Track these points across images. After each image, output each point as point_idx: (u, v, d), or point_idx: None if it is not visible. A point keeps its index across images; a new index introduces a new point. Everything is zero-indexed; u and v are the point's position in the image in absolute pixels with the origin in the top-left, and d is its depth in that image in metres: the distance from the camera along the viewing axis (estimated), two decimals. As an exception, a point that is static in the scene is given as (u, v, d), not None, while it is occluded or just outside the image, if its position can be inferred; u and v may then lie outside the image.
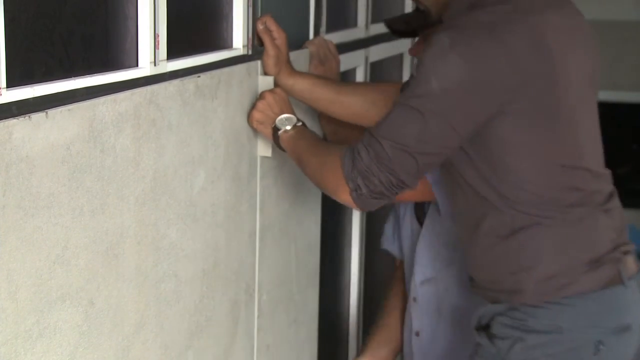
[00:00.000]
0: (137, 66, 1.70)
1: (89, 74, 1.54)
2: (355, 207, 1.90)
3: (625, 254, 1.87)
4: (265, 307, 2.26)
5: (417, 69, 1.79)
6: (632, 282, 1.86)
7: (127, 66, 1.69)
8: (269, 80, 2.15)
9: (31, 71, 1.42)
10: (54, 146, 1.37)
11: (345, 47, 2.79)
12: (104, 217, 1.52)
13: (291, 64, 2.20)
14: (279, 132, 2.04)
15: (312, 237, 2.60)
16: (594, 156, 1.91)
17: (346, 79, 2.85)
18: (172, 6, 1.78)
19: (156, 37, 1.71)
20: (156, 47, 1.71)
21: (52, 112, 1.36)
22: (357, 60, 3.03)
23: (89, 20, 1.59)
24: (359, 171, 1.82)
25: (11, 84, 1.32)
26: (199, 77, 1.84)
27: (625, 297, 1.85)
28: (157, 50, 1.72)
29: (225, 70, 1.96)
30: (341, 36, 2.83)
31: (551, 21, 1.82)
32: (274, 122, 2.06)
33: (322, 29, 2.61)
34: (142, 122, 1.62)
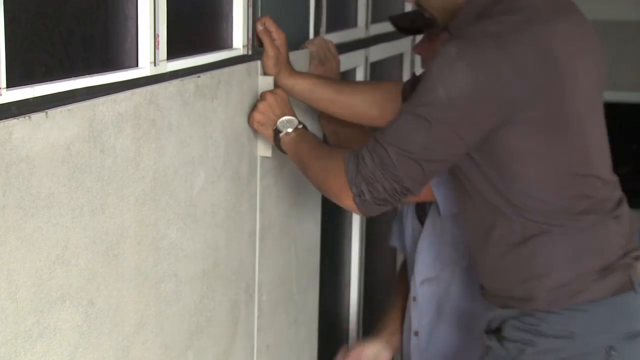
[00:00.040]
0: (137, 66, 1.70)
1: (89, 74, 1.54)
2: (357, 212, 1.89)
3: (635, 259, 1.88)
4: (265, 307, 2.26)
5: (423, 77, 1.78)
6: None
7: (127, 66, 1.69)
8: (269, 80, 2.15)
9: (31, 71, 1.42)
10: (54, 146, 1.37)
11: (345, 47, 2.78)
12: (104, 217, 1.52)
13: (291, 65, 2.20)
14: (280, 135, 2.04)
15: (312, 237, 2.60)
16: (603, 163, 1.91)
17: (346, 79, 2.85)
18: (172, 6, 1.78)
19: (156, 37, 1.71)
20: (156, 47, 1.71)
21: (52, 112, 1.36)
22: (357, 60, 3.03)
23: (89, 20, 1.59)
24: (363, 177, 1.81)
25: (11, 84, 1.32)
26: (199, 77, 1.84)
27: (636, 303, 1.86)
28: (157, 50, 1.72)
29: (225, 70, 1.96)
30: (341, 36, 2.83)
31: (558, 30, 1.82)
32: (275, 124, 2.05)
33: (322, 29, 2.61)
34: (142, 122, 1.62)
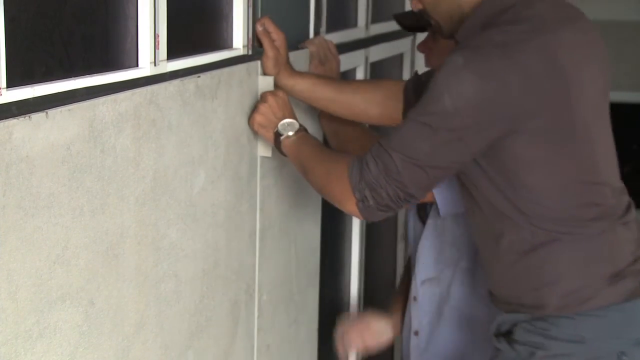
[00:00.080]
0: (137, 66, 1.70)
1: (89, 74, 1.54)
2: (360, 217, 1.89)
3: None
4: (265, 307, 2.25)
5: (429, 86, 1.78)
6: None
7: (127, 66, 1.69)
8: (269, 80, 2.15)
9: (31, 71, 1.42)
10: (54, 146, 1.37)
11: (345, 47, 2.79)
12: (104, 217, 1.52)
13: (291, 65, 2.20)
14: (281, 138, 2.04)
15: (312, 237, 2.60)
16: (611, 170, 1.91)
17: (346, 79, 2.85)
18: (172, 6, 1.78)
19: (156, 37, 1.71)
20: (156, 47, 1.71)
21: (52, 112, 1.36)
22: (357, 60, 3.03)
23: (89, 20, 1.59)
24: (367, 183, 1.81)
25: (11, 84, 1.31)
26: (199, 77, 1.84)
27: None
28: (157, 50, 1.72)
29: (225, 70, 1.96)
30: (341, 36, 2.83)
31: (565, 38, 1.82)
32: (276, 127, 2.05)
33: (322, 29, 2.61)
34: (142, 122, 1.62)
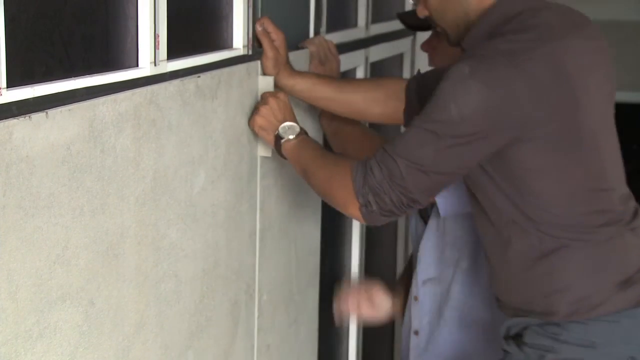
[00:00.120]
0: (137, 66, 1.70)
1: (89, 74, 1.54)
2: (363, 222, 1.89)
3: None
4: (265, 307, 2.25)
5: (434, 95, 1.78)
6: None
7: (127, 66, 1.68)
8: (269, 80, 2.15)
9: (31, 71, 1.42)
10: (54, 146, 1.37)
11: (345, 47, 2.79)
12: (104, 217, 1.52)
13: (290, 65, 2.20)
14: (282, 141, 2.04)
15: (313, 237, 2.60)
16: (618, 176, 1.91)
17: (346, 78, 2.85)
18: (172, 6, 1.78)
19: (156, 37, 1.71)
20: (156, 47, 1.71)
21: (52, 112, 1.36)
22: (357, 60, 3.03)
23: (89, 20, 1.59)
24: (371, 187, 1.81)
25: (11, 84, 1.31)
26: (199, 77, 1.84)
27: None
28: (157, 50, 1.72)
29: (225, 70, 1.96)
30: (341, 36, 2.83)
31: (571, 46, 1.82)
32: (276, 130, 2.05)
33: (322, 29, 2.61)
34: (142, 122, 1.62)
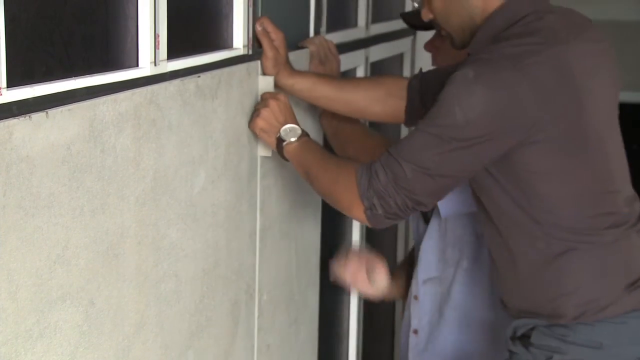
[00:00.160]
0: (138, 66, 1.70)
1: (89, 74, 1.54)
2: (367, 224, 1.89)
3: None
4: (265, 307, 2.25)
5: (439, 99, 1.78)
6: None
7: (128, 66, 1.68)
8: (269, 80, 2.15)
9: (31, 71, 1.42)
10: (54, 146, 1.37)
11: (345, 47, 2.79)
12: (104, 217, 1.52)
13: (290, 64, 2.20)
14: (284, 144, 2.04)
15: (313, 237, 2.60)
16: (623, 178, 1.91)
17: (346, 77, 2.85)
18: (172, 6, 1.78)
19: (156, 37, 1.71)
20: (156, 47, 1.71)
21: (52, 112, 1.36)
22: (357, 60, 3.03)
23: (89, 20, 1.59)
24: (375, 191, 1.81)
25: (11, 84, 1.31)
26: (199, 77, 1.84)
27: None
28: (157, 50, 1.72)
29: (225, 70, 1.96)
30: (341, 36, 2.83)
31: (575, 49, 1.83)
32: (278, 132, 2.04)
33: (322, 29, 2.61)
34: (143, 122, 1.62)
